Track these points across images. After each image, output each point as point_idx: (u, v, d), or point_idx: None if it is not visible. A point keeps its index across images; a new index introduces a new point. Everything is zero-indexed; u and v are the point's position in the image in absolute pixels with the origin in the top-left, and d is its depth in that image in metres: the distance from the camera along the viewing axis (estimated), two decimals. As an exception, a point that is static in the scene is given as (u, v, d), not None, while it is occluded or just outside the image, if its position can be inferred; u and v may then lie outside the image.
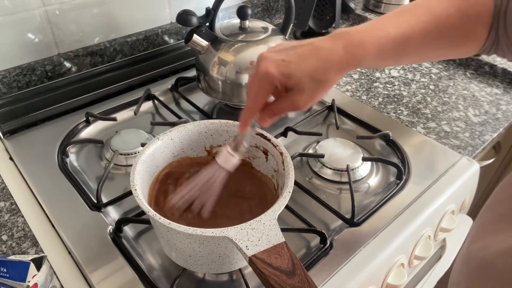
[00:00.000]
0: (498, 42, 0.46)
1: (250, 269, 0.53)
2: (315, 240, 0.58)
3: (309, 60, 0.42)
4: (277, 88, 0.44)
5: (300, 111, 0.59)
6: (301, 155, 0.71)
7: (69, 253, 0.55)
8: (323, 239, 0.57)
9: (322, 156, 0.69)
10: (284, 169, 0.51)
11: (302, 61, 0.42)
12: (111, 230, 0.57)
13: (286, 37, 0.80)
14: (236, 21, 0.78)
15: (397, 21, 0.44)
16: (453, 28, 0.45)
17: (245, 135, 0.49)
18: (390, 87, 0.92)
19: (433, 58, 0.50)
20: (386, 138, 0.76)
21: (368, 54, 0.43)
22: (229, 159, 0.49)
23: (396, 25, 0.44)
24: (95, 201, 0.61)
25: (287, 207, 0.59)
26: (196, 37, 0.73)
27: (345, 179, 0.68)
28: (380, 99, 0.88)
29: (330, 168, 0.68)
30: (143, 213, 0.59)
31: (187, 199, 0.50)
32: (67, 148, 0.70)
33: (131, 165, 0.50)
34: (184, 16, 0.70)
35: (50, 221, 0.59)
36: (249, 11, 0.76)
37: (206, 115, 0.80)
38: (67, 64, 0.81)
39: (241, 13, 0.76)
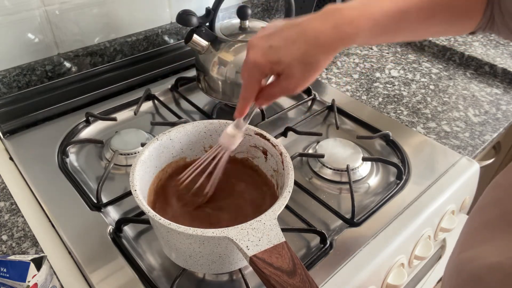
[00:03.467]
0: (494, 20, 0.45)
1: (250, 269, 0.53)
2: (315, 240, 0.58)
3: (298, 44, 0.41)
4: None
5: (293, 94, 0.59)
6: (301, 155, 0.71)
7: (69, 253, 0.55)
8: (323, 239, 0.57)
9: (322, 156, 0.69)
10: (283, 169, 0.51)
11: (290, 46, 0.41)
12: (111, 230, 0.57)
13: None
14: (236, 21, 0.78)
15: None
16: (449, 4, 0.44)
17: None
18: (390, 87, 0.92)
19: (428, 35, 0.49)
20: (386, 138, 0.76)
21: (362, 31, 0.41)
22: (229, 139, 0.50)
23: (391, 0, 0.42)
24: (95, 201, 0.61)
25: (287, 207, 0.59)
26: (196, 37, 0.73)
27: (345, 179, 0.68)
28: (380, 99, 0.88)
29: (330, 168, 0.68)
30: (143, 213, 0.59)
31: (192, 180, 0.52)
32: (67, 148, 0.70)
33: (131, 165, 0.50)
34: (184, 16, 0.70)
35: (50, 221, 0.59)
36: (249, 11, 0.76)
37: (206, 115, 0.80)
38: (67, 64, 0.81)
39: (241, 13, 0.76)
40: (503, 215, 0.34)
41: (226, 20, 0.82)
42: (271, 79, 0.46)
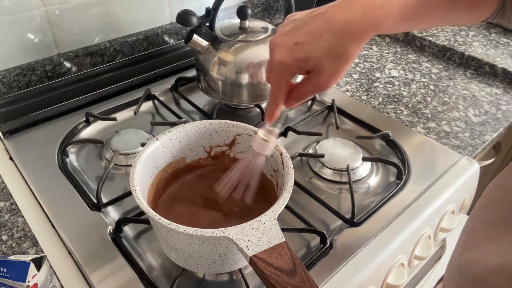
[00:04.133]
0: (505, 9, 0.45)
1: (250, 269, 0.53)
2: (315, 240, 0.58)
3: (325, 35, 0.38)
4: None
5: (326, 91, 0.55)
6: (301, 155, 0.71)
7: (69, 253, 0.55)
8: (323, 239, 0.57)
9: (322, 156, 0.69)
10: (283, 169, 0.51)
11: (318, 39, 0.38)
12: (111, 230, 0.57)
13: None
14: (236, 21, 0.78)
15: None
16: None
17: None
18: (390, 87, 0.92)
19: (446, 22, 0.47)
20: (386, 138, 0.76)
21: (391, 16, 0.39)
22: (263, 144, 0.49)
23: None
24: (95, 201, 0.61)
25: (287, 207, 0.59)
26: (196, 37, 0.73)
27: (345, 179, 0.68)
28: (380, 99, 0.88)
29: (330, 168, 0.68)
30: (143, 213, 0.59)
31: (230, 185, 0.51)
32: (67, 148, 0.70)
33: (131, 165, 0.50)
34: (184, 16, 0.70)
35: (50, 221, 0.59)
36: (249, 11, 0.76)
37: (206, 115, 0.80)
38: (67, 64, 0.81)
39: (241, 13, 0.76)
40: (505, 215, 0.34)
41: (226, 20, 0.82)
42: (300, 77, 0.44)
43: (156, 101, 0.84)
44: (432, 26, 0.45)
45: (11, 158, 0.70)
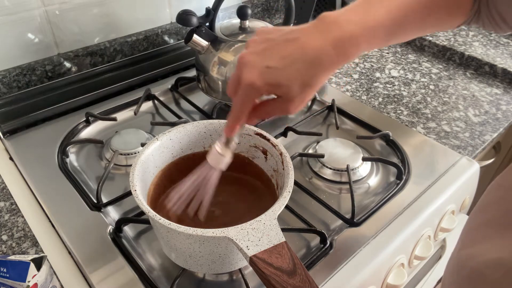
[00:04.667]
0: (480, 13, 0.45)
1: (250, 269, 0.53)
2: (315, 240, 0.58)
3: (297, 65, 0.38)
4: None
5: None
6: (301, 155, 0.71)
7: (69, 253, 0.55)
8: (323, 239, 0.57)
9: (322, 156, 0.69)
10: (283, 169, 0.51)
11: (289, 66, 0.38)
12: (111, 230, 0.57)
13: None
14: (236, 21, 0.78)
15: (387, 3, 0.40)
16: (439, 4, 0.43)
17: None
18: (390, 87, 0.92)
19: (419, 35, 0.47)
20: (386, 138, 0.76)
21: (360, 49, 0.40)
22: (219, 158, 0.47)
23: (387, 8, 0.40)
24: (95, 201, 0.61)
25: (287, 207, 0.59)
26: (196, 37, 0.73)
27: (345, 179, 0.68)
28: (380, 99, 0.88)
29: (330, 168, 0.68)
30: (143, 213, 0.59)
31: (182, 201, 0.49)
32: (67, 148, 0.70)
33: (131, 165, 0.50)
34: (184, 16, 0.70)
35: (50, 221, 0.59)
36: (249, 11, 0.76)
37: (206, 115, 0.80)
38: (67, 64, 0.81)
39: (241, 13, 0.76)
40: (504, 214, 0.35)
41: (226, 20, 0.82)
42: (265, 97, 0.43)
43: (156, 101, 0.84)
44: (407, 39, 0.45)
45: (11, 158, 0.70)
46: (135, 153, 0.69)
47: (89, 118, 0.76)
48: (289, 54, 0.39)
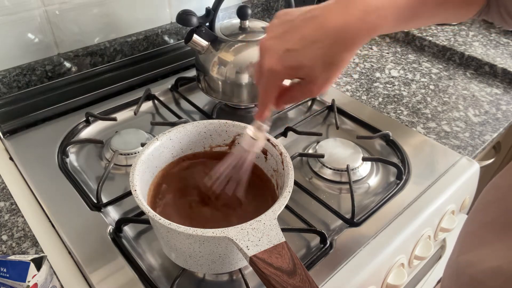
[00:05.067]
0: (489, 7, 0.45)
1: (250, 269, 0.53)
2: (315, 240, 0.58)
3: (319, 43, 0.36)
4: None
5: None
6: (301, 155, 0.71)
7: (69, 253, 0.55)
8: (323, 239, 0.57)
9: (322, 156, 0.69)
10: (283, 169, 0.51)
11: (310, 46, 0.37)
12: (111, 230, 0.57)
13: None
14: (236, 21, 0.78)
15: None
16: None
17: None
18: (390, 87, 0.92)
19: (436, 21, 0.46)
20: (386, 138, 0.76)
21: (386, 22, 0.37)
22: (253, 142, 0.49)
23: None
24: (95, 201, 0.61)
25: (287, 207, 0.59)
26: (196, 37, 0.73)
27: (345, 179, 0.68)
28: (380, 99, 0.88)
29: (330, 168, 0.68)
30: (143, 213, 0.59)
31: (220, 180, 0.51)
32: (67, 148, 0.70)
33: (131, 165, 0.50)
34: (184, 16, 0.70)
35: (50, 221, 0.59)
36: (249, 11, 0.76)
37: (206, 115, 0.80)
38: (67, 64, 0.81)
39: (241, 13, 0.76)
40: (502, 217, 0.34)
41: (226, 20, 0.82)
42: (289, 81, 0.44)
43: (156, 101, 0.84)
44: (421, 26, 0.44)
45: (11, 158, 0.70)
46: (135, 153, 0.69)
47: (89, 118, 0.76)
48: (309, 33, 0.37)
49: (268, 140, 0.55)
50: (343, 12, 0.36)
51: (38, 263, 0.44)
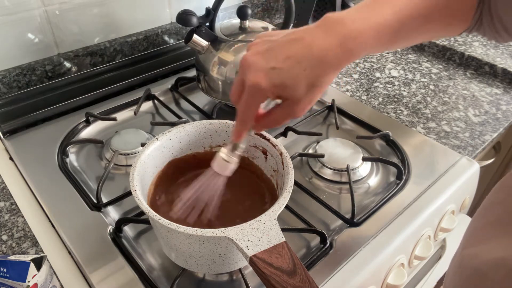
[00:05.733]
0: (482, 21, 0.45)
1: (250, 269, 0.53)
2: (315, 240, 0.58)
3: (303, 64, 0.37)
4: None
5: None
6: (301, 155, 0.71)
7: (69, 253, 0.55)
8: (323, 239, 0.57)
9: (322, 156, 0.69)
10: (283, 169, 0.51)
11: (295, 66, 0.37)
12: (111, 230, 0.57)
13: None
14: (236, 21, 0.78)
15: (393, 4, 0.40)
16: (445, 7, 0.42)
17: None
18: (390, 87, 0.92)
19: (421, 40, 0.46)
20: (386, 138, 0.76)
21: (366, 47, 0.39)
22: (224, 165, 0.46)
23: (392, 9, 0.39)
24: (95, 201, 0.61)
25: (287, 207, 0.59)
26: (196, 37, 0.73)
27: (345, 179, 0.68)
28: (380, 99, 0.88)
29: (330, 168, 0.68)
30: (143, 213, 0.59)
31: (188, 207, 0.49)
32: (67, 148, 0.70)
33: (131, 165, 0.50)
34: (184, 16, 0.70)
35: (50, 221, 0.59)
36: (249, 11, 0.76)
37: (206, 115, 0.80)
38: (67, 64, 0.81)
39: (241, 13, 0.76)
40: (507, 215, 0.35)
41: (226, 20, 0.82)
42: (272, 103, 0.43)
43: (156, 101, 0.84)
44: (408, 45, 0.45)
45: (11, 158, 0.70)
46: (135, 153, 0.69)
47: (89, 118, 0.76)
48: (294, 53, 0.38)
49: (268, 140, 0.55)
50: (326, 36, 0.38)
51: (38, 263, 0.44)
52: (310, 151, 0.73)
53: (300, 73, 0.38)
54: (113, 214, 0.61)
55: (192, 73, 0.91)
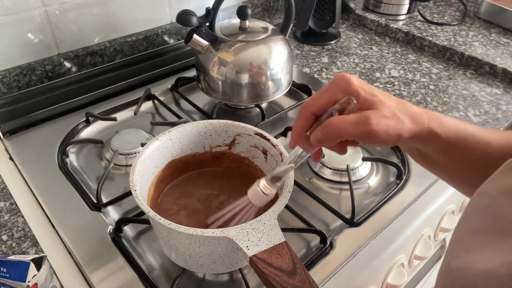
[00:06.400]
0: None
1: (250, 269, 0.53)
2: (315, 240, 0.58)
3: (397, 102, 0.44)
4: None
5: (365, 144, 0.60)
6: (301, 155, 0.71)
7: (69, 253, 0.55)
8: (323, 239, 0.57)
9: (322, 156, 0.69)
10: (284, 169, 0.51)
11: (389, 97, 0.44)
12: (111, 230, 0.57)
13: (286, 37, 0.80)
14: (236, 21, 0.78)
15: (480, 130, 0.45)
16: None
17: (285, 168, 0.44)
18: (390, 87, 0.92)
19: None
20: (386, 138, 0.75)
21: (440, 134, 0.43)
22: (260, 196, 0.45)
23: (477, 129, 0.45)
24: (95, 201, 0.61)
25: (287, 207, 0.59)
26: (196, 37, 0.73)
27: (345, 179, 0.68)
28: (380, 99, 0.88)
29: (330, 168, 0.68)
30: (143, 213, 0.58)
31: (220, 222, 0.48)
32: (67, 148, 0.70)
33: (131, 165, 0.50)
34: (184, 16, 0.70)
35: (50, 221, 0.59)
36: (249, 11, 0.76)
37: (206, 115, 0.80)
38: (67, 64, 0.81)
39: (241, 13, 0.76)
40: (492, 222, 0.34)
41: (226, 20, 0.82)
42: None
43: (156, 101, 0.84)
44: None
45: (11, 158, 0.70)
46: (135, 153, 0.69)
47: (89, 118, 0.76)
48: (393, 98, 0.46)
49: (268, 140, 0.55)
50: (417, 108, 0.47)
51: (38, 263, 0.44)
52: (310, 151, 0.73)
53: (392, 100, 0.45)
54: (113, 214, 0.61)
55: (192, 73, 0.91)
